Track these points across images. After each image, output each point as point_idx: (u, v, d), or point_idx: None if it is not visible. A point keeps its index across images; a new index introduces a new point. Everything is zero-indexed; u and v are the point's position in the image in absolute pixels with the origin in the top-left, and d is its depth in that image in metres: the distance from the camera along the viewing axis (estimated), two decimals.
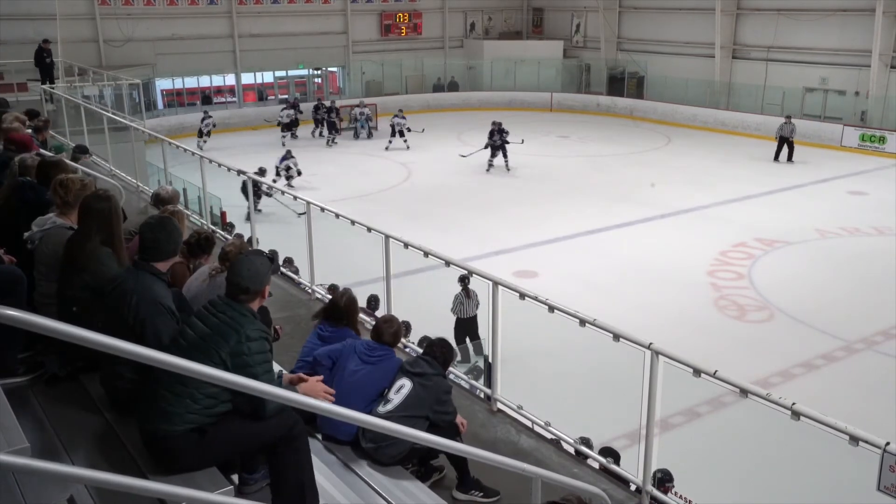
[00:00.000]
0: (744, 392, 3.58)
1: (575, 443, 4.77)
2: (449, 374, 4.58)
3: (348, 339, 4.33)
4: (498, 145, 21.60)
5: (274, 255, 5.76)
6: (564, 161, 23.43)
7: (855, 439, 3.14)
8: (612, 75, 32.72)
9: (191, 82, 29.66)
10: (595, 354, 6.94)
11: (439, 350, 4.25)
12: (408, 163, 23.36)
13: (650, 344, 3.92)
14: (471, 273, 5.78)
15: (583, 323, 4.29)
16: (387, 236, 5.92)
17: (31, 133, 7.54)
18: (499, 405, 5.03)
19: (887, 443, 3.02)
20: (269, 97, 31.71)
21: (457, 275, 9.06)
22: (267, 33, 30.16)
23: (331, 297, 4.89)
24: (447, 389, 4.15)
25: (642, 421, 4.04)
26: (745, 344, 11.28)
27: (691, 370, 3.73)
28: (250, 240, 8.50)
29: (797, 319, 12.16)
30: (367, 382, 4.06)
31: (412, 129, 25.00)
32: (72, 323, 2.01)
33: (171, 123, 25.92)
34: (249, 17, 29.96)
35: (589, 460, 4.76)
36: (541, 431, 4.84)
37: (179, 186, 11.06)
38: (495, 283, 4.86)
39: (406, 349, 6.13)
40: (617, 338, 4.10)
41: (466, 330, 10.51)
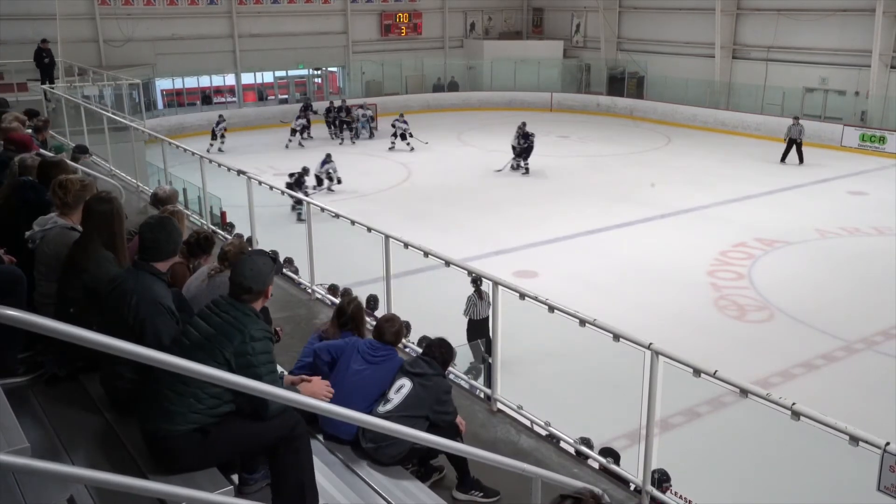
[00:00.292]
0: (744, 392, 3.58)
1: (575, 443, 4.77)
2: (449, 374, 4.58)
3: (350, 336, 4.33)
4: (525, 147, 21.68)
5: (275, 255, 5.76)
6: (564, 161, 23.41)
7: (855, 439, 3.14)
8: (612, 75, 32.71)
9: (191, 82, 29.61)
10: (595, 354, 6.96)
11: (438, 350, 4.25)
12: (408, 163, 23.37)
13: (650, 344, 3.92)
14: (471, 273, 5.78)
15: (583, 323, 4.29)
16: (387, 236, 5.92)
17: (31, 133, 7.54)
18: (499, 405, 5.02)
19: (887, 443, 3.02)
20: (269, 97, 31.70)
21: (457, 275, 8.99)
22: (267, 33, 30.17)
23: (338, 304, 4.85)
24: (447, 389, 4.15)
25: (642, 421, 4.04)
26: (745, 344, 11.27)
27: (691, 370, 3.73)
28: (250, 240, 8.50)
29: (797, 319, 12.15)
30: (370, 382, 4.06)
31: (417, 138, 24.98)
32: (69, 324, 2.01)
33: (171, 123, 25.92)
34: (249, 17, 29.97)
35: (589, 460, 4.75)
36: (541, 431, 4.84)
37: (179, 186, 11.07)
38: (495, 283, 4.87)
39: (406, 349, 6.13)
40: (617, 338, 4.10)
41: (479, 332, 10.39)
